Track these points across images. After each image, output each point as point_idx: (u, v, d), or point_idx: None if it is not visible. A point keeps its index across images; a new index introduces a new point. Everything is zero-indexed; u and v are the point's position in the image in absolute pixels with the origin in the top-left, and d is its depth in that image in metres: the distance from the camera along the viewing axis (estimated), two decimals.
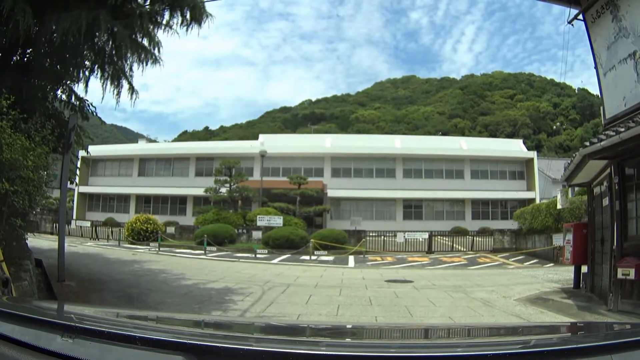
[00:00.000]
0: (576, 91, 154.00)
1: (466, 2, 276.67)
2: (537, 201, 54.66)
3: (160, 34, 17.73)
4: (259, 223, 40.82)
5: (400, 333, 4.45)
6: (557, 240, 27.73)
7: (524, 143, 73.05)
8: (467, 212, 63.92)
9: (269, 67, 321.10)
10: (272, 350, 2.31)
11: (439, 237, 42.56)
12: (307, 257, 31.98)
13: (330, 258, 32.59)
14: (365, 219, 54.24)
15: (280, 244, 36.08)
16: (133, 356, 2.33)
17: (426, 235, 40.24)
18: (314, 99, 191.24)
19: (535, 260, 31.60)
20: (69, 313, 3.40)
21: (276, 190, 49.69)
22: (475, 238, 41.87)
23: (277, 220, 40.50)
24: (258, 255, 32.38)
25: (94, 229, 46.37)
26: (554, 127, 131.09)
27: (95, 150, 64.90)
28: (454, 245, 41.05)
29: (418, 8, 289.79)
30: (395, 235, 40.13)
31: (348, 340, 3.62)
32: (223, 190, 47.85)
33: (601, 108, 15.95)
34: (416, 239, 40.15)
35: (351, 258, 32.83)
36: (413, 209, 63.65)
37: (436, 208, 64.34)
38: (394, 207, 63.60)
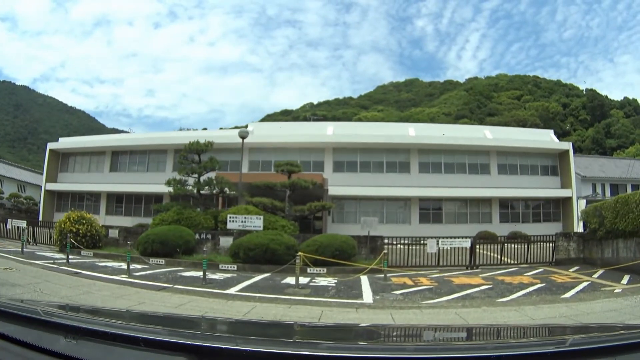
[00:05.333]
0: (584, 92, 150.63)
1: (471, 10, 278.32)
2: (574, 200, 48.51)
3: None
4: (229, 225, 29.04)
5: (409, 334, 4.48)
6: None
7: None
8: (495, 213, 52.56)
9: (275, 74, 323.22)
10: (274, 352, 2.40)
11: (480, 244, 30.99)
12: (293, 281, 19.42)
13: (331, 282, 20.79)
14: None
15: (256, 256, 24.54)
16: (136, 357, 2.38)
17: (468, 243, 28.43)
18: (315, 103, 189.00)
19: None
20: (73, 314, 3.59)
21: (258, 182, 37.38)
22: (530, 246, 30.21)
23: (256, 222, 28.64)
24: (214, 277, 21.19)
25: (31, 230, 36.29)
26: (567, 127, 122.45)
27: (66, 142, 59.79)
28: (502, 256, 30.02)
29: (423, 16, 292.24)
30: (418, 243, 28.73)
31: (353, 342, 3.58)
32: (191, 182, 35.88)
33: None
34: (452, 247, 28.45)
35: (365, 282, 20.70)
36: (431, 210, 52.16)
37: (458, 209, 52.74)
38: (409, 208, 51.86)
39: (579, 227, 46.10)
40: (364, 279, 21.30)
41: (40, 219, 51.25)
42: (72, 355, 2.34)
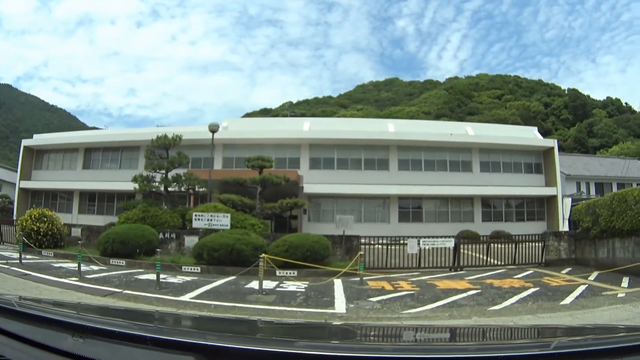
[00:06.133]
0: (566, 91, 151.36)
1: (453, 10, 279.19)
2: (560, 199, 47.29)
3: None
4: (195, 224, 27.00)
5: (413, 335, 4.47)
6: None
7: None
8: (477, 212, 50.94)
9: (256, 73, 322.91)
10: (282, 352, 2.37)
11: (464, 244, 28.68)
12: (258, 285, 16.97)
13: (301, 287, 18.64)
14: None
15: (221, 257, 22.55)
16: (143, 356, 2.38)
17: (451, 243, 26.46)
18: (295, 102, 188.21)
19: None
20: (80, 313, 3.57)
21: (228, 179, 35.31)
22: (517, 246, 28.06)
23: (223, 221, 26.51)
24: (173, 281, 19.19)
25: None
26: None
27: (40, 139, 58.20)
28: (487, 256, 28.09)
29: (405, 16, 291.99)
30: (398, 243, 26.48)
31: (359, 342, 3.54)
32: (158, 178, 33.86)
33: None
34: (434, 248, 26.45)
35: (338, 287, 18.65)
36: (411, 208, 50.35)
37: (439, 207, 50.93)
38: (388, 206, 49.99)
39: (564, 226, 45.37)
40: (338, 283, 19.42)
41: (15, 218, 48.09)
42: (80, 354, 2.30)
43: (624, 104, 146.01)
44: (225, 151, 49.83)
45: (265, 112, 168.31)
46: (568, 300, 15.92)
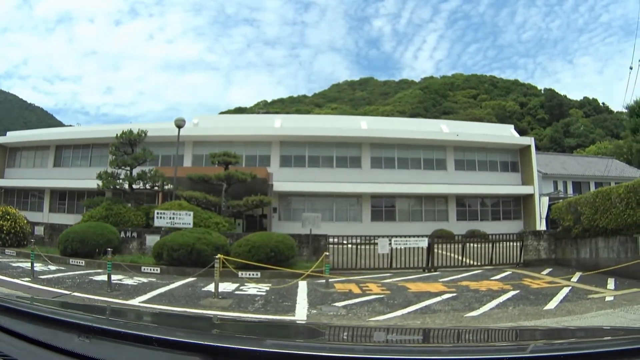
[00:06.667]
0: (542, 91, 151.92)
1: (430, 11, 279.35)
2: (536, 197, 46.91)
3: None
4: (157, 222, 25.92)
5: (416, 336, 4.39)
6: None
7: None
8: (451, 211, 49.99)
9: (232, 72, 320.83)
10: (288, 353, 2.36)
11: (438, 244, 27.90)
12: (221, 286, 16.36)
13: (262, 290, 17.35)
14: (323, 220, 38.65)
15: (181, 257, 21.30)
16: (149, 357, 2.37)
17: (425, 243, 25.06)
18: (270, 100, 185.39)
19: (628, 283, 18.63)
20: (86, 313, 3.44)
21: (193, 175, 34.02)
22: (494, 245, 26.86)
23: (185, 219, 25.60)
24: (128, 282, 18.19)
25: None
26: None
27: (13, 136, 59.69)
28: (463, 257, 26.65)
29: (382, 16, 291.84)
30: (370, 243, 25.17)
31: (366, 343, 3.55)
32: (123, 175, 32.89)
33: None
34: (407, 247, 24.94)
35: (302, 290, 17.49)
36: (384, 207, 49.31)
37: (413, 206, 49.94)
38: (360, 205, 48.90)
39: (541, 225, 45.13)
40: (303, 286, 18.16)
41: None
42: (86, 354, 2.33)
43: (601, 104, 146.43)
44: (195, 148, 48.79)
45: (239, 111, 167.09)
46: (552, 304, 14.77)
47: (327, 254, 19.42)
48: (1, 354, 2.50)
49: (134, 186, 32.55)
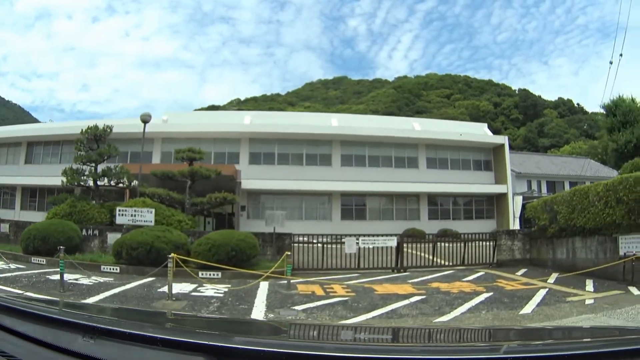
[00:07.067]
0: (517, 91, 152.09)
1: (405, 11, 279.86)
2: (510, 196, 46.84)
3: None
4: (118, 220, 24.93)
5: (416, 336, 4.24)
6: (632, 246, 18.75)
7: None
8: (423, 209, 49.76)
9: (207, 70, 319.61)
10: (293, 352, 2.33)
11: (408, 243, 26.68)
12: (176, 289, 15.79)
13: (220, 291, 16.48)
14: (292, 218, 40.24)
15: (140, 256, 20.46)
16: (154, 357, 2.36)
17: (394, 242, 24.24)
18: (243, 99, 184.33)
19: (607, 285, 18.00)
20: (90, 313, 3.44)
21: (157, 172, 33.61)
22: (466, 245, 26.14)
23: (147, 216, 24.56)
24: (84, 282, 17.40)
25: None
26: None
27: None
28: (434, 256, 25.76)
29: (357, 15, 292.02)
30: (339, 242, 24.56)
31: (369, 343, 3.43)
32: (88, 172, 31.84)
33: None
34: (375, 247, 24.23)
35: (262, 291, 16.69)
36: (354, 205, 48.78)
37: (384, 205, 49.46)
38: (330, 204, 48.35)
39: (514, 225, 44.94)
40: (264, 287, 17.30)
41: None
42: (90, 354, 2.32)
43: (575, 105, 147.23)
44: (164, 145, 47.87)
45: (212, 109, 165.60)
46: (529, 308, 13.93)
47: (289, 253, 18.60)
48: (5, 355, 2.48)
49: (99, 183, 31.84)
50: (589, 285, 18.13)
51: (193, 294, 15.85)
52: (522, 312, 13.21)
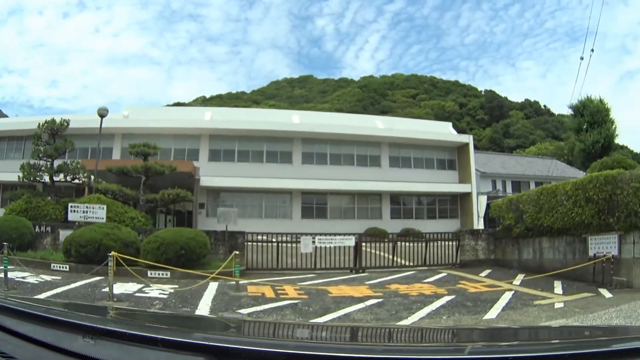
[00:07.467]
0: (483, 92, 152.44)
1: (374, 11, 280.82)
2: (474, 196, 48.33)
3: None
4: (70, 217, 24.32)
5: (416, 336, 4.15)
6: (602, 246, 18.21)
7: None
8: (385, 208, 48.86)
9: (174, 68, 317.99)
10: (294, 353, 2.30)
11: (368, 242, 26.20)
12: (123, 288, 15.78)
13: (165, 292, 15.80)
14: (252, 216, 42.59)
15: (89, 254, 19.77)
16: (154, 357, 2.32)
17: (352, 242, 23.60)
18: (208, 96, 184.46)
19: (576, 287, 17.40)
20: (90, 314, 3.33)
21: (112, 167, 33.01)
22: (428, 245, 25.53)
23: (98, 213, 24.10)
24: (30, 280, 17.05)
25: None
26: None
27: None
28: (394, 256, 25.22)
29: (325, 15, 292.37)
30: (297, 241, 23.61)
31: (372, 343, 3.39)
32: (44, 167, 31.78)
33: None
34: (332, 246, 23.58)
35: (210, 293, 15.93)
36: (315, 204, 47.89)
37: (345, 204, 48.80)
38: (290, 202, 47.50)
39: (479, 224, 44.77)
40: (212, 288, 16.51)
41: None
42: (90, 355, 2.26)
43: (542, 107, 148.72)
44: (124, 141, 45.91)
45: (178, 106, 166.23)
46: (493, 312, 13.15)
47: (237, 252, 17.91)
48: (6, 355, 2.41)
49: (55, 179, 31.56)
50: (558, 287, 17.55)
51: (137, 294, 15.18)
52: (486, 317, 12.43)
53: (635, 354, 2.23)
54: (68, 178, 31.42)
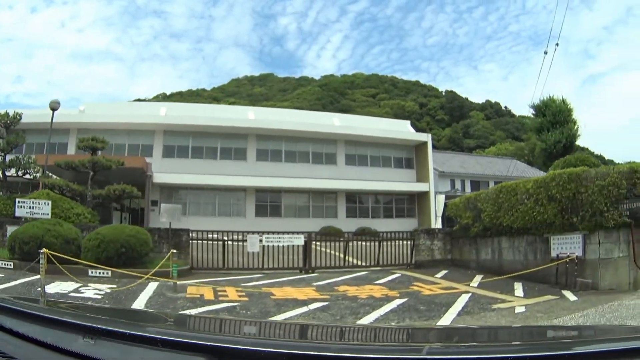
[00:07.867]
0: (443, 93, 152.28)
1: (337, 11, 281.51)
2: (432, 195, 48.21)
3: None
4: (17, 212, 23.19)
5: (416, 336, 4.07)
6: (565, 246, 17.69)
7: None
8: (341, 207, 48.44)
9: (137, 64, 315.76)
10: (294, 353, 2.29)
11: (319, 241, 25.62)
12: (60, 288, 15.30)
13: (101, 292, 15.16)
14: (205, 214, 42.63)
15: (31, 251, 18.69)
16: (154, 357, 2.33)
17: (301, 240, 23.06)
18: (169, 93, 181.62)
19: (538, 289, 16.96)
20: (90, 314, 3.46)
21: (60, 162, 31.62)
22: (382, 244, 24.81)
23: (44, 209, 23.11)
24: None
25: None
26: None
27: None
28: (347, 256, 24.45)
29: (289, 14, 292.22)
30: (246, 240, 23.00)
31: (374, 343, 3.37)
32: None
33: None
34: (281, 246, 23.12)
35: (146, 294, 15.20)
36: (269, 202, 47.24)
37: (300, 202, 48.22)
38: (244, 199, 46.73)
39: (437, 224, 44.31)
40: (150, 288, 15.77)
41: None
42: (90, 355, 2.27)
43: (503, 108, 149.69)
44: (80, 136, 42.83)
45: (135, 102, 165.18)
46: (448, 317, 12.50)
47: (176, 251, 17.16)
48: (6, 356, 2.42)
49: (7, 173, 30.70)
50: (518, 289, 16.95)
51: (72, 294, 14.55)
52: (439, 323, 11.66)
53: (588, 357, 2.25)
54: (20, 173, 30.51)
